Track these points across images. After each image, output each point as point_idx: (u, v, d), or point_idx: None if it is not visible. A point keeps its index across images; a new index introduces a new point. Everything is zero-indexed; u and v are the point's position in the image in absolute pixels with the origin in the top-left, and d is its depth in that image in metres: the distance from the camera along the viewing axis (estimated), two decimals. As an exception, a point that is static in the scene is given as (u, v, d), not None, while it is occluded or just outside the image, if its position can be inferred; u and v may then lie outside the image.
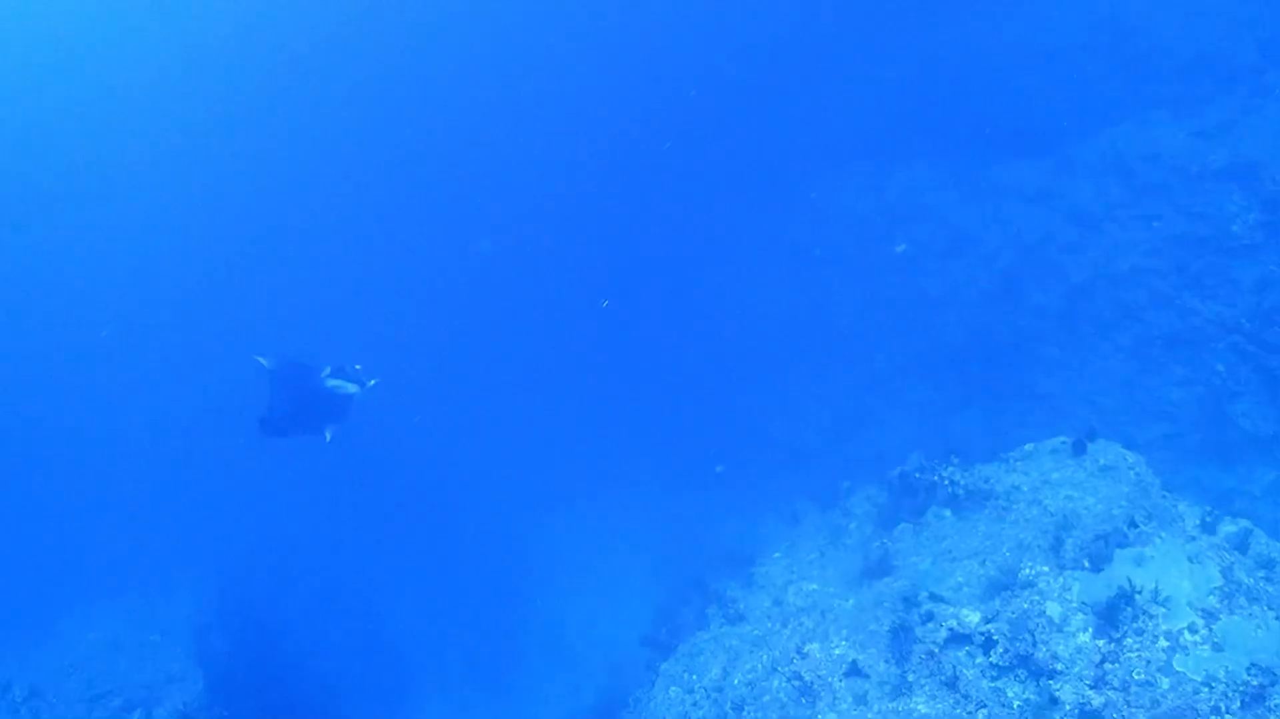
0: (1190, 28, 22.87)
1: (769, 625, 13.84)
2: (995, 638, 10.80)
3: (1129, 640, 10.36)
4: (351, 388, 12.37)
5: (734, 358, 28.37)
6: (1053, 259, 21.53)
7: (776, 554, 16.17)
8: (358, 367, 12.48)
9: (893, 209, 24.93)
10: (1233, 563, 11.13)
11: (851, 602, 12.82)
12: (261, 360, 12.30)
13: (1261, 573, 11.13)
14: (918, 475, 14.23)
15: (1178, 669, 10.07)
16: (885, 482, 15.29)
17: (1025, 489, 13.13)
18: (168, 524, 28.59)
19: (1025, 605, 10.96)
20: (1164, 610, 10.50)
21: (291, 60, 41.51)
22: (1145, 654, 10.20)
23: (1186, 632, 10.34)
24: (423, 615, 28.37)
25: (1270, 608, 10.60)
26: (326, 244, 39.24)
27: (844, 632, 12.17)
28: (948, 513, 13.74)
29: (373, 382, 12.45)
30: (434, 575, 29.37)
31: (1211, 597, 10.67)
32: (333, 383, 12.31)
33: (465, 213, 38.52)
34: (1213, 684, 9.85)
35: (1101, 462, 13.21)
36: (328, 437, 12.11)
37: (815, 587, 14.12)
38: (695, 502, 27.83)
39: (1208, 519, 11.94)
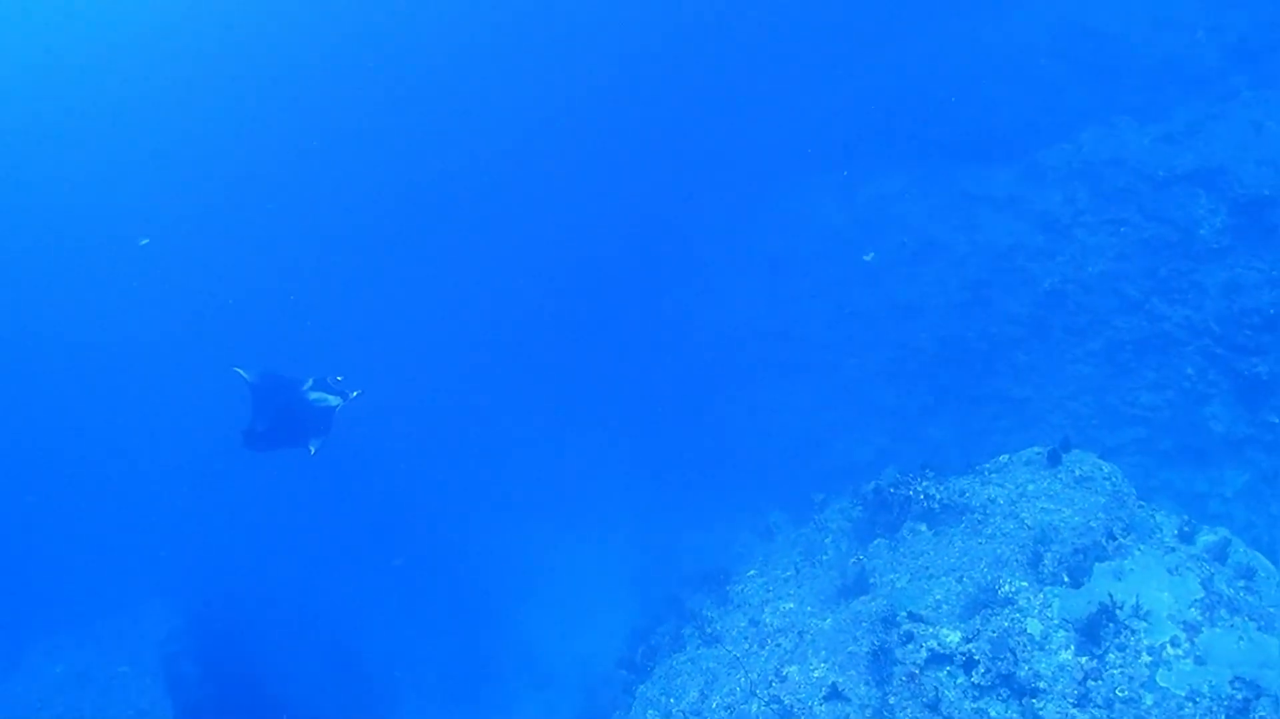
0: (1155, 34, 23.01)
1: (746, 647, 13.61)
2: (976, 657, 10.61)
3: (1111, 656, 10.21)
4: (334, 400, 12.24)
5: (705, 368, 28.19)
6: (1022, 265, 21.50)
7: (752, 572, 15.94)
8: (339, 378, 12.39)
9: (861, 218, 24.82)
10: (1212, 574, 11.02)
11: (829, 622, 12.60)
12: (242, 373, 12.20)
13: (1241, 583, 11.03)
14: (892, 490, 14.06)
15: (1161, 684, 9.92)
16: (859, 495, 15.09)
17: (1001, 502, 12.97)
18: (135, 547, 28.08)
19: (1006, 623, 10.79)
20: (1145, 625, 10.36)
21: (279, 72, 41.22)
22: (1128, 670, 10.05)
23: (1169, 646, 10.20)
24: (398, 634, 27.97)
25: (1251, 619, 10.48)
26: (307, 255, 38.90)
27: (822, 653, 11.95)
28: (923, 527, 13.56)
29: (355, 393, 12.33)
30: (408, 592, 28.98)
31: (1193, 609, 10.54)
32: (314, 395, 12.23)
33: (442, 225, 38.29)
34: (1197, 699, 9.72)
35: (1077, 472, 13.08)
36: (312, 450, 11.96)
37: (792, 606, 13.89)
38: (668, 514, 27.60)
39: (1185, 529, 11.83)
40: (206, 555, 28.06)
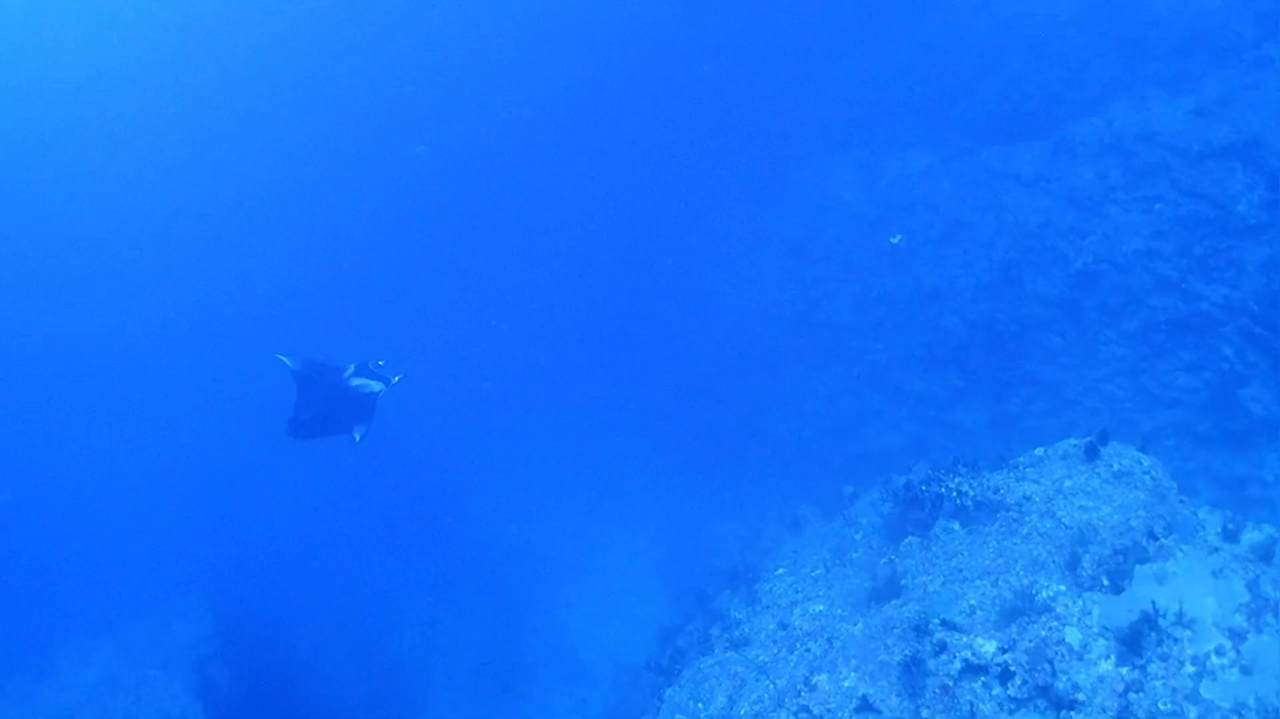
0: (1185, 2, 22.26)
1: (775, 651, 13.31)
2: (1013, 668, 10.26)
3: (1153, 667, 9.83)
4: (376, 385, 12.18)
5: (730, 354, 27.86)
6: (1052, 245, 20.88)
7: (780, 570, 15.63)
8: (381, 363, 12.34)
9: (885, 199, 24.29)
10: (1258, 575, 10.59)
11: (860, 626, 12.27)
12: (285, 360, 12.17)
13: (1289, 585, 10.61)
14: (924, 487, 13.66)
15: (1205, 697, 9.54)
16: (890, 492, 14.71)
17: (1037, 499, 12.56)
18: (164, 546, 28.18)
19: (1043, 632, 10.42)
20: (1189, 633, 9.97)
21: (305, 66, 41.22)
22: (1171, 682, 9.67)
23: (1214, 655, 9.82)
24: (428, 627, 27.96)
25: (1300, 624, 10.09)
26: (329, 245, 38.90)
27: (853, 662, 11.63)
28: (956, 526, 13.18)
29: (397, 378, 12.28)
30: (437, 585, 28.96)
31: (1238, 615, 10.14)
32: (357, 381, 12.17)
33: (465, 213, 38.16)
34: (1243, 712, 9.34)
35: (1115, 467, 12.64)
36: (357, 438, 11.92)
37: (821, 608, 13.58)
38: (697, 502, 27.41)
39: (1230, 526, 11.39)
40: (236, 553, 28.13)
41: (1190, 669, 9.74)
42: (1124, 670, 9.89)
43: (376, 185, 39.58)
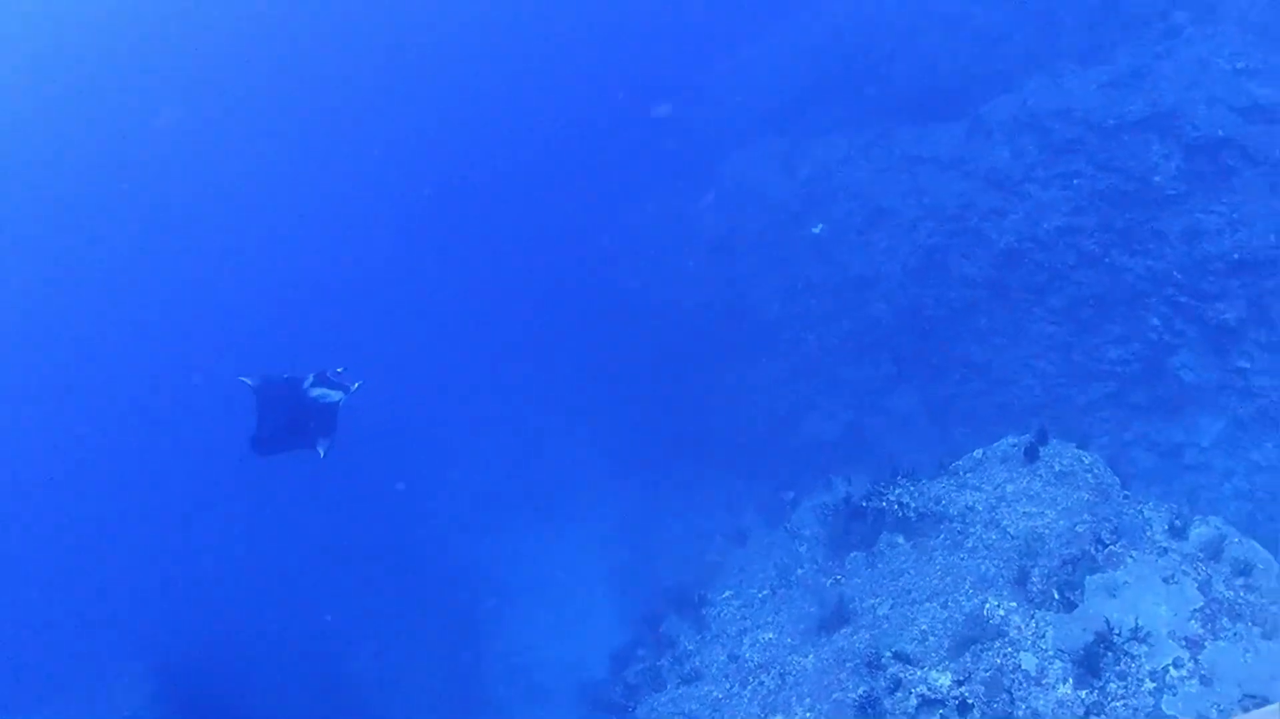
0: (1090, -28, 22.14)
1: (727, 686, 12.87)
2: (970, 701, 9.93)
3: (1112, 686, 9.57)
4: (336, 394, 11.87)
5: (662, 355, 27.36)
6: (974, 227, 20.66)
7: (727, 593, 15.24)
8: (340, 370, 12.02)
9: (807, 189, 23.90)
10: (1210, 575, 10.39)
11: (811, 659, 11.87)
12: (245, 380, 11.97)
13: (1240, 581, 10.42)
14: (864, 503, 13.32)
15: (1167, 713, 9.32)
16: (832, 506, 14.35)
17: (980, 509, 12.26)
18: (99, 610, 26.97)
19: (998, 660, 10.10)
20: (1146, 648, 9.72)
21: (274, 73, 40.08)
22: (1131, 701, 9.41)
23: (1172, 668, 9.58)
24: (384, 653, 27.15)
25: (1255, 623, 9.89)
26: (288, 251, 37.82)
27: (807, 700, 11.22)
28: (901, 539, 12.86)
29: (356, 385, 12.01)
30: (392, 609, 28.12)
31: (1193, 621, 9.92)
32: (316, 392, 11.86)
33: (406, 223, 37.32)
34: (1207, 726, 9.11)
35: (1056, 467, 12.39)
36: (321, 453, 11.69)
37: (771, 636, 13.18)
38: (643, 506, 26.94)
39: (1176, 523, 11.18)
40: (177, 603, 27.00)
41: (1150, 685, 9.49)
42: (1083, 693, 9.62)
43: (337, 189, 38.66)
